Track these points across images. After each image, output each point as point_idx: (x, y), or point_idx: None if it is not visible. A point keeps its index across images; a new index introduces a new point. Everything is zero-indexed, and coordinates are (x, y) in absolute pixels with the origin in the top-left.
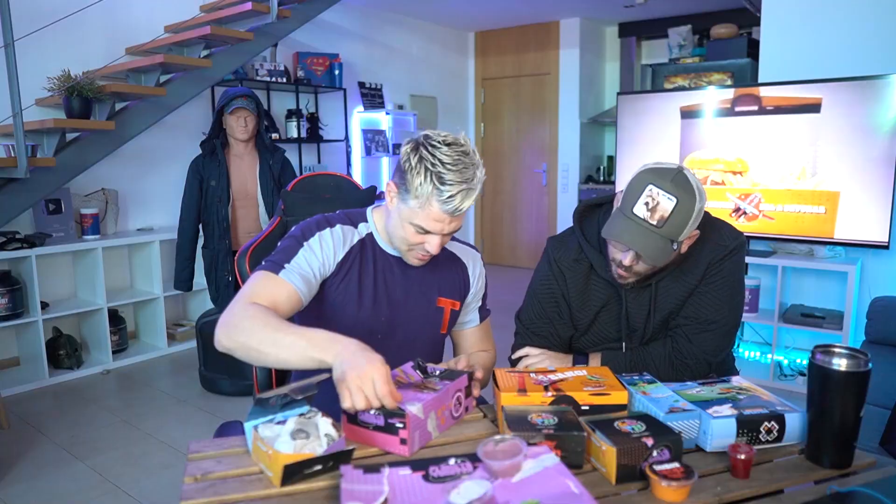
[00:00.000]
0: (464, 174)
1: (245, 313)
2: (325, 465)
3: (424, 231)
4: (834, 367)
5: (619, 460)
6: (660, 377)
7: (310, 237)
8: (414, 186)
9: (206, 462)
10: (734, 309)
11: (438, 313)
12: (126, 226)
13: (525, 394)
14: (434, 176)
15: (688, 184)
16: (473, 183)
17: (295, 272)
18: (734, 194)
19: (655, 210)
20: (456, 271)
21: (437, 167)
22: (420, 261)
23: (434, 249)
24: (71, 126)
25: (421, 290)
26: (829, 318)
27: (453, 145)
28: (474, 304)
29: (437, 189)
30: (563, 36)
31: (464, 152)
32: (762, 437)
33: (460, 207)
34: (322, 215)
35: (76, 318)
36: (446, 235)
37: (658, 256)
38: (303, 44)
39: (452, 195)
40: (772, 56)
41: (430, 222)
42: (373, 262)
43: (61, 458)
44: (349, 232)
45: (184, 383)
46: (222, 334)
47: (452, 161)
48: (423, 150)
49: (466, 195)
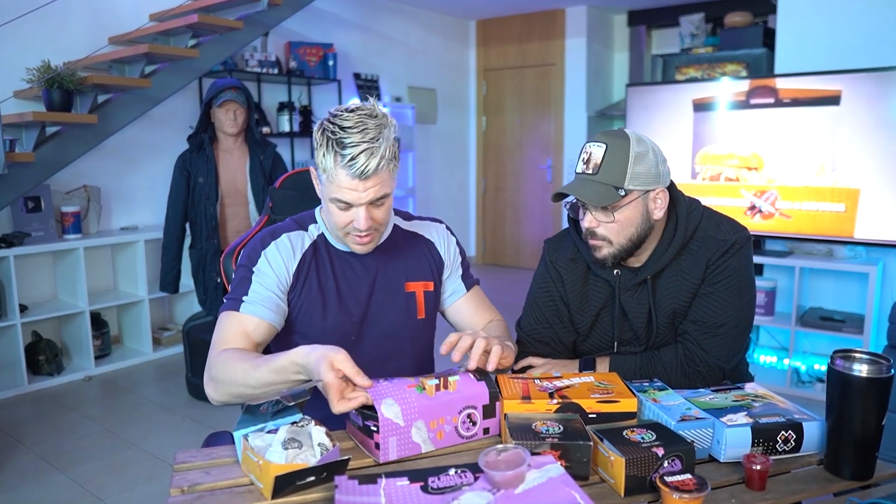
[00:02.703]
0: (365, 134)
1: (219, 365)
2: (318, 476)
3: (346, 205)
4: (854, 373)
5: (627, 471)
6: (671, 384)
7: (257, 260)
8: (321, 161)
9: (193, 473)
10: (743, 310)
11: (410, 299)
12: (109, 225)
13: (529, 401)
14: (335, 143)
15: (620, 132)
16: (378, 142)
17: (255, 303)
18: (749, 191)
19: (590, 160)
20: (421, 249)
21: (338, 133)
22: (361, 244)
23: (362, 224)
24: (51, 119)
25: (386, 279)
26: (848, 322)
27: (357, 110)
28: (454, 275)
29: (340, 154)
30: (568, 24)
31: (368, 115)
32: (779, 446)
33: (366, 169)
34: (267, 229)
35: (56, 321)
36: (375, 207)
37: (596, 198)
38: (295, 33)
39: (354, 156)
40: (789, 46)
41: (344, 191)
42: (329, 264)
43: (41, 468)
44: (298, 238)
45: (170, 390)
46: (211, 391)
47: (353, 124)
48: (325, 123)
49: (371, 154)
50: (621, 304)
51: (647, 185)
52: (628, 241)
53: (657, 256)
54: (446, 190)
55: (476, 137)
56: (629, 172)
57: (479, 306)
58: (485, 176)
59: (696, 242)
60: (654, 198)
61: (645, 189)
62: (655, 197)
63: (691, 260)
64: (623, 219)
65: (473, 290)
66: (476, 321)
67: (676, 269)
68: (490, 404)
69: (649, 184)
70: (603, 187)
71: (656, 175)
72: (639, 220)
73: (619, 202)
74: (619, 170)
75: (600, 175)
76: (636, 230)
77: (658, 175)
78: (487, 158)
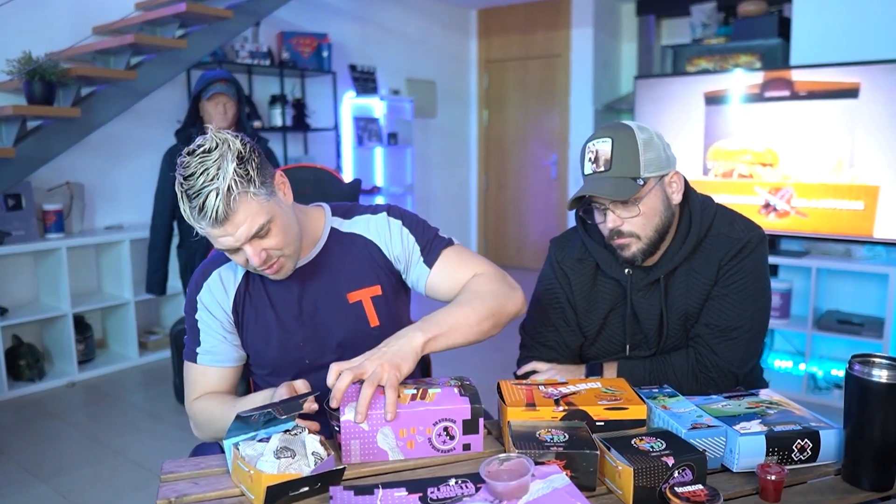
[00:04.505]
0: (207, 175)
1: (198, 416)
2: (312, 487)
3: (231, 250)
4: (874, 378)
5: (636, 481)
6: (682, 390)
7: (198, 307)
8: (185, 216)
9: (181, 483)
10: (758, 313)
11: (357, 309)
12: (93, 223)
13: (534, 408)
14: (185, 196)
15: (619, 124)
16: (218, 179)
17: (209, 353)
18: (763, 188)
19: (598, 158)
20: (361, 253)
21: (184, 184)
22: (274, 275)
23: (255, 262)
24: (32, 113)
25: (325, 294)
26: (867, 325)
27: (196, 150)
28: (414, 262)
29: (191, 206)
30: (574, 14)
31: (206, 150)
32: (794, 455)
33: (218, 212)
34: (203, 264)
35: (38, 325)
36: (261, 239)
37: (617, 193)
38: (288, 22)
39: (202, 205)
40: (805, 36)
41: (218, 241)
42: (264, 292)
43: (22, 479)
44: (228, 273)
45: (157, 397)
46: (197, 433)
47: (194, 168)
48: (177, 175)
49: (216, 195)
50: (632, 305)
51: (660, 170)
52: (655, 231)
53: (671, 255)
54: (446, 187)
55: (477, 132)
56: (642, 160)
57: (453, 272)
58: (486, 172)
59: (708, 241)
60: (669, 182)
61: (660, 174)
62: (671, 181)
63: (704, 259)
64: (647, 209)
65: (441, 261)
66: (455, 290)
67: (688, 269)
68: (472, 420)
69: (662, 168)
70: (620, 181)
71: (666, 158)
72: (661, 208)
73: (640, 192)
74: (632, 160)
75: (613, 170)
76: (660, 219)
77: (668, 158)
78: (489, 154)
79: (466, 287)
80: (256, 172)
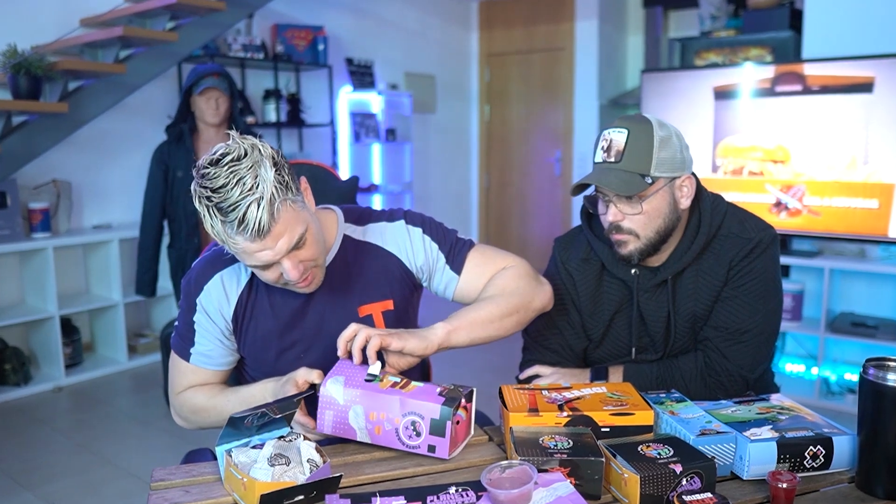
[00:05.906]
0: (243, 185)
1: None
2: (307, 495)
3: (265, 265)
4: (889, 383)
5: (642, 489)
6: (690, 395)
7: (196, 310)
8: (213, 233)
9: (172, 492)
10: (769, 315)
11: (366, 323)
12: (80, 222)
13: (537, 414)
14: (215, 210)
15: (641, 117)
16: (259, 188)
17: (202, 355)
18: (774, 186)
19: (611, 148)
20: (378, 264)
21: (213, 197)
22: (306, 288)
23: (294, 276)
24: (18, 108)
25: (335, 307)
26: (882, 328)
27: (224, 159)
28: (439, 270)
29: (226, 222)
30: (579, 6)
31: (236, 159)
32: (807, 463)
33: (261, 224)
34: (203, 261)
35: (23, 327)
36: (299, 249)
37: (622, 187)
38: (282, 14)
39: (241, 217)
40: (817, 28)
41: (255, 256)
42: (268, 300)
43: (7, 487)
44: (231, 278)
45: (147, 402)
46: (181, 423)
47: (225, 179)
48: (198, 189)
49: (258, 205)
50: (639, 306)
51: (672, 172)
52: (656, 233)
53: (679, 255)
54: (446, 185)
55: (478, 128)
56: (655, 158)
57: (480, 275)
58: (488, 169)
59: (718, 241)
60: (680, 185)
61: (671, 176)
62: (682, 185)
63: (713, 260)
64: (650, 209)
65: (468, 266)
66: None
67: (697, 270)
68: (440, 422)
69: (675, 170)
70: (628, 175)
71: (681, 161)
72: (666, 211)
73: (646, 191)
74: (644, 156)
75: (623, 163)
76: (664, 221)
77: (683, 161)
78: (491, 151)
79: (493, 281)
80: (291, 178)
